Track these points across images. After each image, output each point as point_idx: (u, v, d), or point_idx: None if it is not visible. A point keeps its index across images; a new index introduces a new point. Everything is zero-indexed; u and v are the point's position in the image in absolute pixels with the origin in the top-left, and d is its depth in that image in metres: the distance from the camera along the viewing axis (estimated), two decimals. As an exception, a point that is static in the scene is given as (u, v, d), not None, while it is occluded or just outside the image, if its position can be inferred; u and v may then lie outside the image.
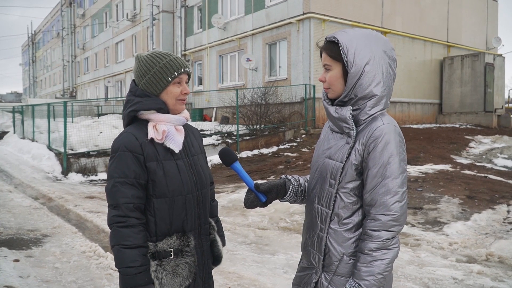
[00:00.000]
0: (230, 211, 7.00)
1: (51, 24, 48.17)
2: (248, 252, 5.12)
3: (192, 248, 1.82)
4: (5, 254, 4.82)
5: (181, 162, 1.84)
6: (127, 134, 1.78)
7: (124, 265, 1.66)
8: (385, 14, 17.84)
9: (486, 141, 14.24)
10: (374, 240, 1.53)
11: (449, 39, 20.79)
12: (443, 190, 7.46)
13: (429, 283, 4.12)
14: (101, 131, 13.75)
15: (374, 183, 1.56)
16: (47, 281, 4.14)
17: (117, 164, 1.74)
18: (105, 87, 33.07)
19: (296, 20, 15.82)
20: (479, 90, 18.98)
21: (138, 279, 1.66)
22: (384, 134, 1.56)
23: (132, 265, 1.66)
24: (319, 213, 1.70)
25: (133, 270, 1.66)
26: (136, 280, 1.66)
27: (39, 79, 57.09)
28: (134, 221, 1.70)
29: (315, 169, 1.77)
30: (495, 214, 6.33)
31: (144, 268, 1.68)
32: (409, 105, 19.21)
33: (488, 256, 4.82)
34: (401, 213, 1.55)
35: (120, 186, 1.71)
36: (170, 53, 1.87)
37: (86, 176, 11.38)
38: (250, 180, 1.76)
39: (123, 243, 1.67)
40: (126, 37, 29.40)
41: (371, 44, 1.61)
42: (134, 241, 1.68)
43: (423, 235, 5.53)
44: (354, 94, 1.61)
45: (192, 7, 22.56)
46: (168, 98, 1.83)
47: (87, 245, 5.21)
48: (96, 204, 7.86)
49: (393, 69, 1.66)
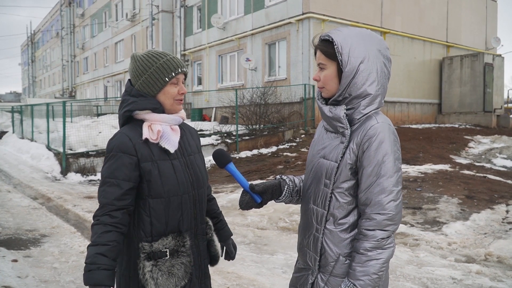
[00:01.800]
0: (229, 211, 6.99)
1: (51, 23, 48.16)
2: (247, 252, 5.12)
3: (188, 248, 1.81)
4: (4, 254, 4.81)
5: (177, 162, 1.83)
6: (121, 135, 1.78)
7: (85, 261, 1.66)
8: (384, 14, 17.84)
9: (485, 141, 14.25)
10: (369, 239, 1.53)
11: (448, 39, 20.79)
12: (442, 190, 7.46)
13: (428, 283, 4.12)
14: (100, 131, 13.74)
15: (368, 182, 1.55)
16: (45, 281, 4.13)
17: (109, 164, 1.75)
18: (104, 87, 33.06)
19: (296, 20, 15.82)
20: (478, 90, 18.98)
21: (88, 277, 1.63)
22: (379, 133, 1.55)
23: (86, 262, 1.64)
24: (314, 213, 1.69)
25: (86, 267, 1.64)
26: (87, 277, 1.63)
27: (38, 79, 57.07)
28: (106, 219, 1.68)
29: (310, 169, 1.76)
30: (494, 214, 6.33)
31: (95, 266, 1.62)
32: (408, 105, 19.21)
33: (487, 256, 4.82)
34: (396, 212, 1.54)
35: (107, 187, 1.72)
36: (167, 53, 1.86)
37: (85, 176, 11.36)
38: (245, 181, 1.75)
39: (92, 241, 1.67)
40: (125, 37, 29.39)
41: (366, 43, 1.60)
42: (96, 239, 1.65)
43: (422, 235, 5.52)
44: (348, 93, 1.61)
45: (192, 7, 22.55)
46: (165, 99, 1.82)
47: (86, 245, 5.20)
48: (95, 204, 7.84)
49: (388, 68, 1.65)
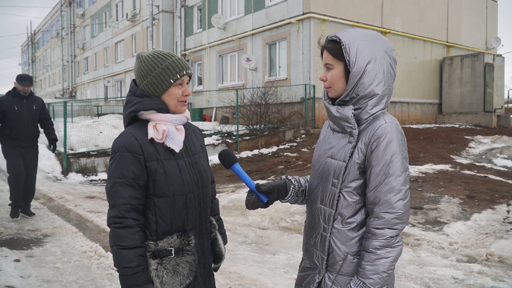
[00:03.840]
0: (231, 211, 7.00)
1: (51, 24, 48.15)
2: (248, 252, 5.13)
3: (192, 247, 1.83)
4: (6, 254, 4.82)
5: (182, 161, 1.84)
6: (127, 134, 1.79)
7: (121, 266, 1.69)
8: (384, 14, 17.85)
9: (485, 141, 14.25)
10: (378, 238, 1.54)
11: (448, 39, 20.80)
12: (443, 190, 7.46)
13: (430, 283, 4.13)
14: (101, 131, 13.75)
15: (377, 181, 1.57)
16: (48, 281, 4.14)
17: (117, 164, 1.75)
18: (104, 87, 33.06)
19: (296, 20, 15.83)
20: (478, 90, 18.99)
21: (135, 279, 1.68)
22: (387, 133, 1.56)
23: (128, 266, 1.68)
24: (322, 212, 1.70)
25: (129, 270, 1.68)
26: (133, 280, 1.68)
27: (38, 79, 57.07)
28: (131, 222, 1.71)
29: (317, 169, 1.77)
30: (495, 214, 6.33)
31: (141, 268, 1.70)
32: (408, 105, 19.22)
33: (488, 256, 4.82)
34: (404, 211, 1.56)
35: (119, 187, 1.72)
36: (172, 54, 1.87)
37: (86, 176, 11.37)
38: (251, 181, 1.76)
39: (120, 244, 1.69)
40: (125, 37, 29.40)
41: (373, 44, 1.62)
42: (130, 242, 1.69)
43: (423, 235, 5.53)
44: (355, 93, 1.62)
45: (192, 7, 22.56)
46: (169, 100, 1.83)
47: (88, 245, 5.21)
48: (97, 204, 7.86)
49: (394, 69, 1.67)
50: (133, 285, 1.69)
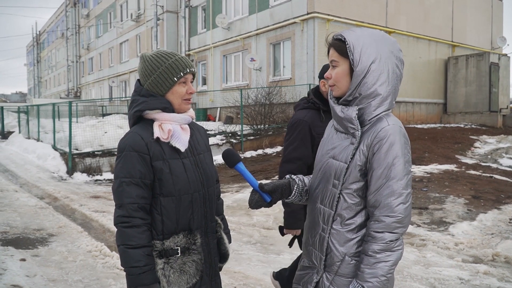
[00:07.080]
0: (235, 210, 7.00)
1: (56, 24, 48.36)
2: (253, 251, 5.13)
3: (198, 246, 1.83)
4: (12, 254, 4.84)
5: (187, 160, 1.84)
6: (133, 134, 1.79)
7: (129, 265, 1.69)
8: (389, 13, 17.79)
9: (491, 141, 14.17)
10: (377, 242, 1.53)
11: (453, 39, 20.70)
12: (448, 190, 7.43)
13: (435, 283, 4.11)
14: (106, 131, 13.79)
15: (378, 185, 1.55)
16: (53, 280, 4.16)
17: (123, 164, 1.75)
18: (109, 87, 33.16)
19: (300, 20, 15.80)
20: (484, 90, 18.89)
21: (143, 278, 1.69)
22: (389, 135, 1.55)
23: (136, 265, 1.68)
24: (321, 213, 1.70)
25: (137, 270, 1.68)
26: (140, 279, 1.69)
27: (43, 79, 57.34)
28: (138, 221, 1.72)
29: (319, 168, 1.77)
30: (501, 214, 6.30)
31: (148, 267, 1.70)
32: (413, 105, 19.15)
33: (494, 256, 4.80)
34: (405, 215, 1.54)
35: (126, 186, 1.73)
36: (175, 53, 1.88)
37: (91, 175, 11.41)
38: (254, 180, 1.75)
39: (127, 244, 1.69)
40: (130, 37, 29.48)
41: (378, 44, 1.61)
42: (138, 241, 1.70)
43: (428, 235, 5.51)
44: (358, 93, 1.61)
45: (196, 7, 22.58)
46: (173, 98, 1.84)
47: (93, 244, 5.23)
48: (102, 204, 7.89)
49: (400, 70, 1.65)
50: (140, 285, 1.69)
